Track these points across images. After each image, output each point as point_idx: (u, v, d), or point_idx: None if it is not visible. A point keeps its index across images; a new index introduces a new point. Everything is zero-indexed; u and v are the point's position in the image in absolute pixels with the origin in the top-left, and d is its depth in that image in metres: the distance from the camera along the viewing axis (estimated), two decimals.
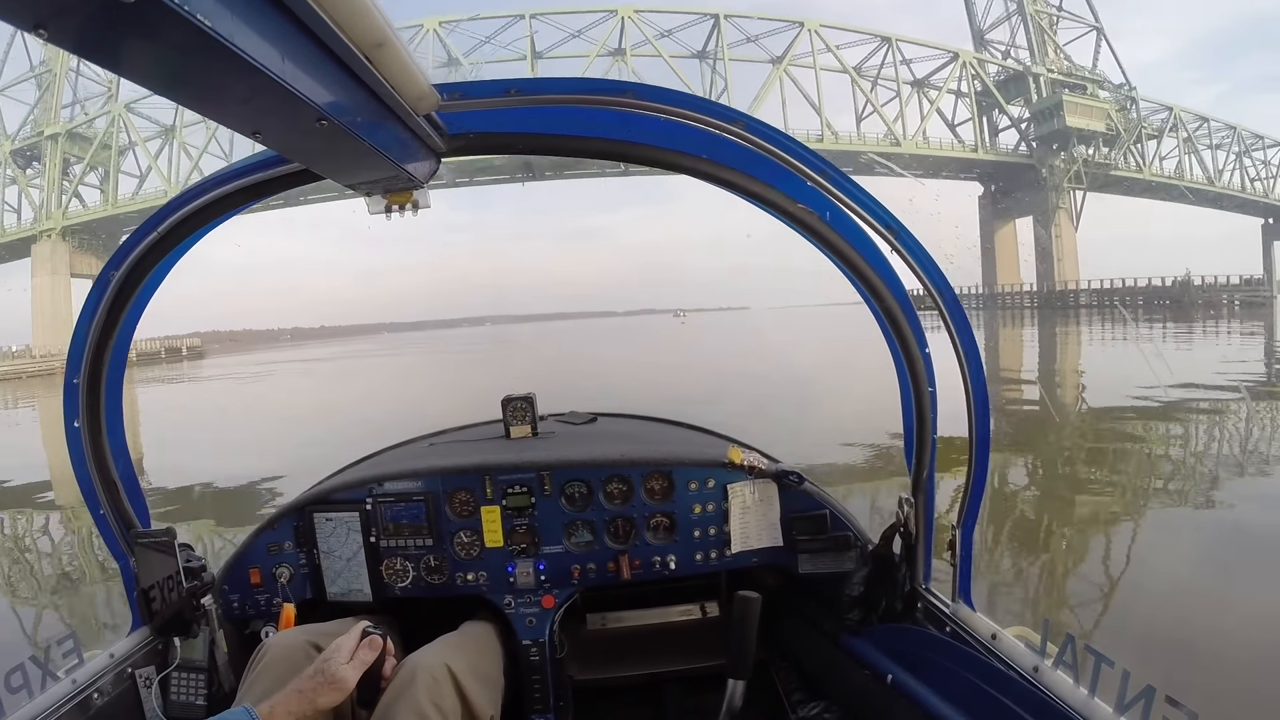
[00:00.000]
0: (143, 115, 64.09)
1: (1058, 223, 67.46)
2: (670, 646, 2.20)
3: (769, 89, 63.89)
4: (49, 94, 62.83)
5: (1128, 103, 68.43)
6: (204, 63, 0.63)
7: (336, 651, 1.29)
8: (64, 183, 63.73)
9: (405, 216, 1.25)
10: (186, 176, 62.76)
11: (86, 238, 64.92)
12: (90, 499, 1.64)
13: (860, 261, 1.38)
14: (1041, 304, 63.92)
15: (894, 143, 66.25)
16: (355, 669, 1.28)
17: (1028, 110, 68.07)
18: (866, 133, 67.16)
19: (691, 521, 1.94)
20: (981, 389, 1.47)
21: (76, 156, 64.03)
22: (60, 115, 63.29)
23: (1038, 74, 66.17)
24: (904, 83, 67.06)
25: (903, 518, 1.66)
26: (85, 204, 65.02)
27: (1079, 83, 66.43)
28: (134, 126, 63.58)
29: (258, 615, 1.92)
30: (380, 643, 1.35)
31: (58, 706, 1.40)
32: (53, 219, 62.78)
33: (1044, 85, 66.29)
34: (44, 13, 0.53)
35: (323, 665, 1.26)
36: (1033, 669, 1.28)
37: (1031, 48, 66.94)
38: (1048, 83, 66.28)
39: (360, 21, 0.74)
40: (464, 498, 1.93)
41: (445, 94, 1.10)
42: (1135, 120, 68.62)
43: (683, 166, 1.25)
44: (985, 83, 67.39)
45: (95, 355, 1.50)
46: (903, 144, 66.05)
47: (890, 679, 1.54)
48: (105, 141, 63.52)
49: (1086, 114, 66.21)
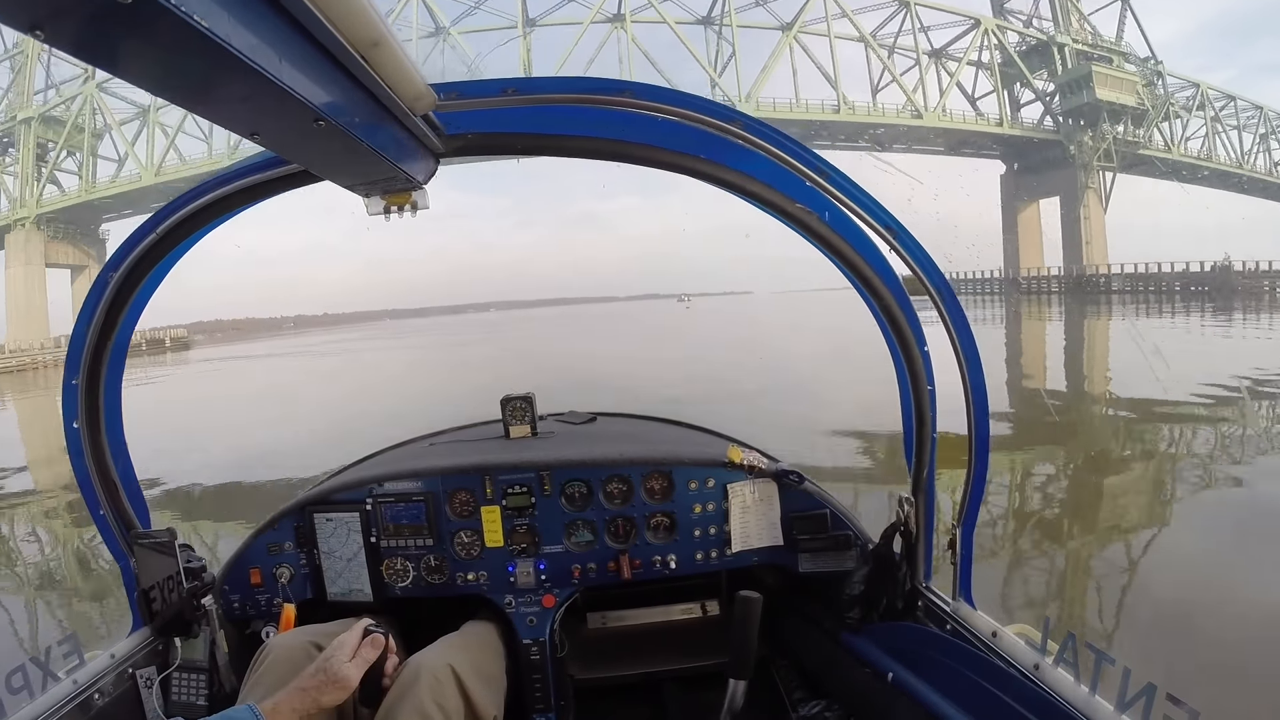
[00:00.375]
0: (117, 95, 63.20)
1: (1086, 203, 65.84)
2: (671, 646, 2.29)
3: (778, 58, 62.44)
4: (21, 77, 62.37)
5: (1154, 77, 66.74)
6: (200, 63, 0.66)
7: (339, 649, 1.33)
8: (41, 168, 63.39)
9: (405, 217, 1.29)
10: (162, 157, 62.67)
11: (62, 226, 64.76)
12: (90, 499, 1.71)
13: (859, 261, 1.45)
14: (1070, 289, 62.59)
15: (915, 114, 64.64)
16: (358, 667, 1.34)
17: (1052, 83, 66.47)
18: (884, 104, 65.63)
19: (691, 521, 2.02)
20: (980, 388, 1.53)
21: (52, 141, 63.65)
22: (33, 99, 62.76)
23: (1063, 44, 64.53)
24: (922, 52, 65.35)
25: (903, 516, 1.74)
26: (64, 190, 64.87)
27: (1104, 55, 64.84)
28: (108, 109, 63.02)
29: (258, 615, 2.00)
30: (382, 641, 1.39)
31: (59, 707, 1.46)
32: (26, 207, 62.45)
33: (1069, 56, 64.73)
34: (40, 14, 0.55)
35: (325, 664, 1.31)
36: (1033, 667, 1.34)
37: (1055, 16, 65.35)
38: (1073, 53, 64.71)
39: (356, 21, 0.77)
40: (464, 498, 2.01)
41: (442, 94, 1.15)
42: (1163, 96, 66.96)
43: (681, 166, 1.31)
44: (1009, 52, 65.69)
45: (94, 356, 1.57)
46: (924, 116, 64.47)
47: (891, 677, 1.60)
48: (79, 124, 63.09)
49: (1117, 86, 64.43)
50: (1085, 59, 64.26)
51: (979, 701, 1.35)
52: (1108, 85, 63.90)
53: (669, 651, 2.25)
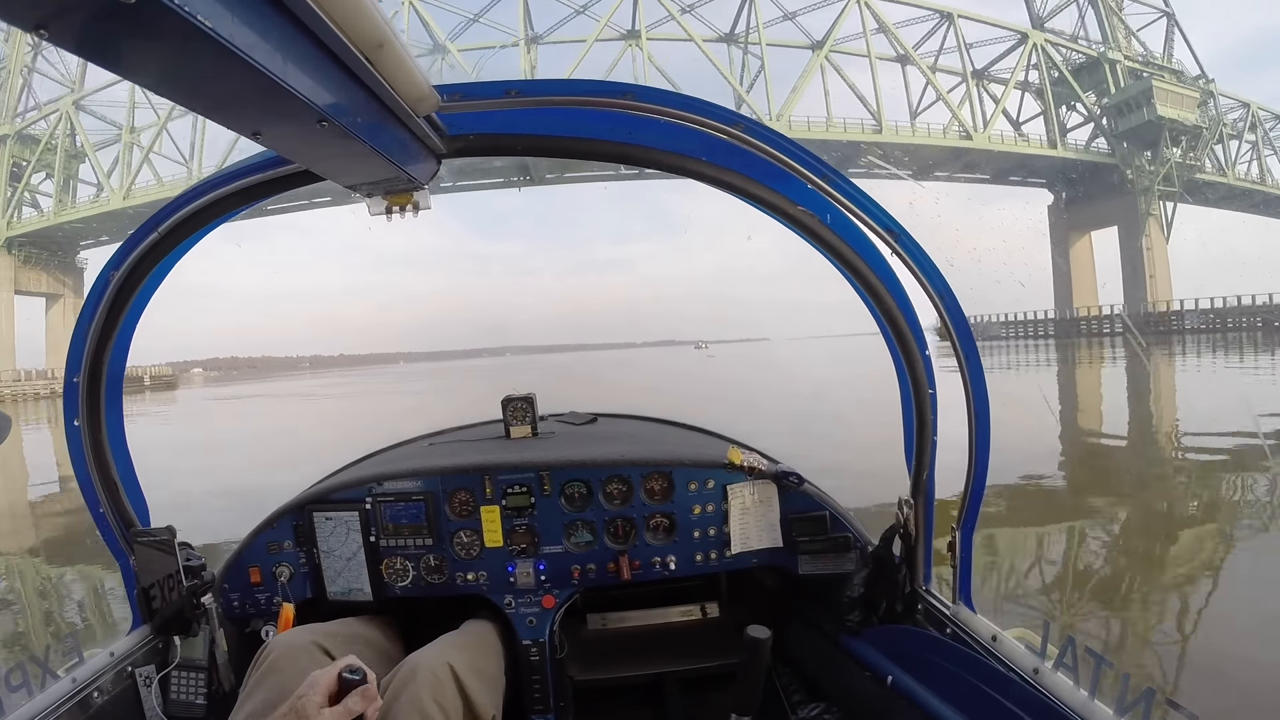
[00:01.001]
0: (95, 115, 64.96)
1: (1148, 233, 64.46)
2: (670, 647, 2.44)
3: (808, 78, 62.18)
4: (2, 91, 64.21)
5: (1206, 97, 65.96)
6: (204, 63, 0.71)
7: (311, 689, 1.28)
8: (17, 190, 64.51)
9: (406, 218, 1.41)
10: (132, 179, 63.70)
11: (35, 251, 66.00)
12: (90, 498, 1.86)
13: (860, 264, 1.59)
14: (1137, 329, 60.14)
15: (964, 135, 63.93)
16: (339, 717, 1.27)
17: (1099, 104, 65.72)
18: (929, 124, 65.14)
19: (691, 522, 2.18)
20: (982, 393, 1.67)
21: (26, 160, 65.29)
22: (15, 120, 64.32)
23: (1114, 60, 64.18)
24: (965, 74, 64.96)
25: (903, 519, 1.87)
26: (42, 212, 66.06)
27: (1155, 73, 64.21)
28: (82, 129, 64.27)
29: (258, 614, 2.16)
30: (374, 693, 1.33)
31: (58, 705, 1.57)
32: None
33: (1120, 73, 64.42)
34: (45, 13, 0.59)
35: (298, 703, 1.26)
36: (1033, 671, 1.46)
37: (1104, 31, 65.03)
38: (1124, 71, 64.39)
39: (360, 23, 0.83)
40: (464, 498, 2.19)
41: (445, 95, 1.24)
42: (1215, 117, 65.92)
43: (683, 169, 1.42)
44: (1060, 69, 65.06)
45: (95, 355, 1.73)
46: (974, 137, 63.78)
47: (890, 680, 1.73)
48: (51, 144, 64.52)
49: (1178, 103, 63.56)
50: (1135, 77, 64.08)
51: (978, 705, 1.45)
52: (1169, 101, 63.11)
53: (668, 653, 2.40)
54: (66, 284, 68.02)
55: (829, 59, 62.94)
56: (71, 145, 65.65)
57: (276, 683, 1.56)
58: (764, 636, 1.59)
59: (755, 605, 2.59)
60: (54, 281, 67.52)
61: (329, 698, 1.27)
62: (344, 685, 1.28)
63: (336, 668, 1.33)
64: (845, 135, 62.73)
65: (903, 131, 64.27)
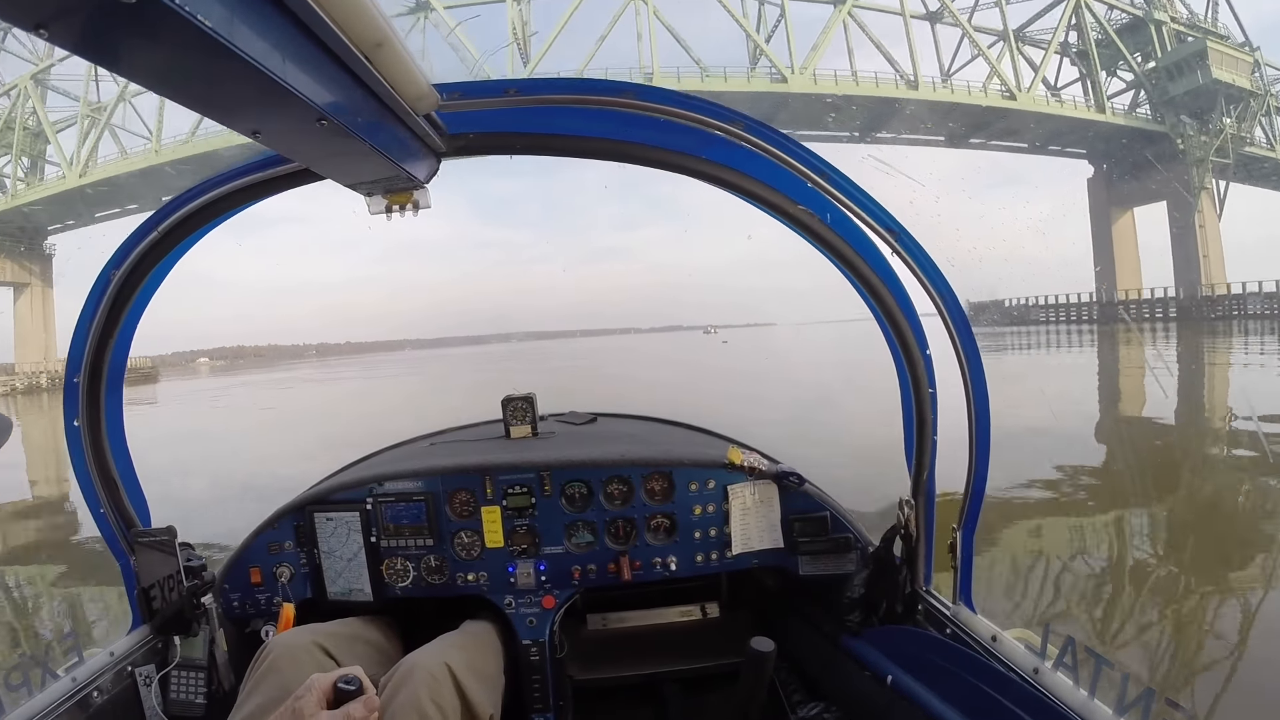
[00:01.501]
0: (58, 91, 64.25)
1: (1200, 209, 62.60)
2: (670, 647, 2.58)
3: (829, 34, 59.80)
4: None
5: (1253, 65, 65.01)
6: (204, 63, 0.75)
7: (307, 693, 1.30)
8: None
9: (406, 216, 1.48)
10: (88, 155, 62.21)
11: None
12: (90, 497, 1.95)
13: (861, 263, 1.69)
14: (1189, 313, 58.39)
15: (1007, 95, 61.94)
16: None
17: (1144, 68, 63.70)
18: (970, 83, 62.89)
19: (692, 523, 2.31)
20: (982, 391, 1.76)
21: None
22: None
23: (1160, 21, 62.33)
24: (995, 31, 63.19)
25: (903, 520, 1.98)
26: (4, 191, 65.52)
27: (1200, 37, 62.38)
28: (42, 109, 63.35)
29: (258, 614, 2.30)
30: (376, 703, 1.34)
31: (57, 704, 1.65)
32: None
33: (1166, 36, 62.59)
34: (45, 13, 0.63)
35: (295, 704, 1.29)
36: (1033, 671, 1.53)
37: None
38: (1171, 34, 62.60)
39: (360, 21, 0.88)
40: (464, 498, 2.31)
41: (445, 94, 1.31)
42: (1263, 86, 64.88)
43: (683, 167, 1.50)
44: (1106, 28, 63.13)
45: (96, 354, 1.81)
46: (1019, 98, 61.84)
47: (890, 680, 1.84)
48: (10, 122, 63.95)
49: (1233, 66, 61.87)
50: (1180, 40, 62.32)
51: (978, 705, 1.53)
52: (1223, 64, 61.33)
53: (668, 653, 2.54)
54: (34, 271, 67.88)
55: (852, 14, 60.58)
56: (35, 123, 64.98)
57: (276, 683, 1.65)
58: (768, 650, 1.70)
59: (755, 606, 2.72)
60: (21, 270, 67.38)
61: (327, 702, 1.30)
62: (339, 696, 1.30)
63: (335, 675, 1.35)
64: (877, 90, 61.39)
65: (940, 90, 62.47)
